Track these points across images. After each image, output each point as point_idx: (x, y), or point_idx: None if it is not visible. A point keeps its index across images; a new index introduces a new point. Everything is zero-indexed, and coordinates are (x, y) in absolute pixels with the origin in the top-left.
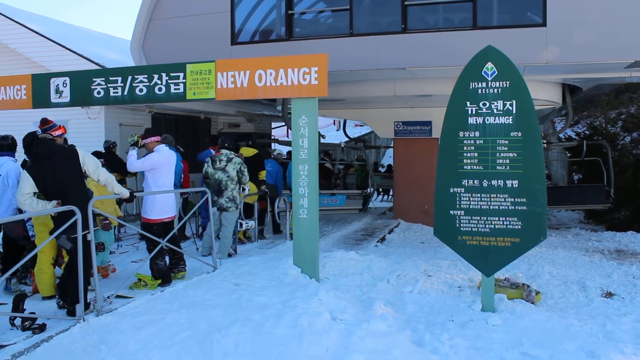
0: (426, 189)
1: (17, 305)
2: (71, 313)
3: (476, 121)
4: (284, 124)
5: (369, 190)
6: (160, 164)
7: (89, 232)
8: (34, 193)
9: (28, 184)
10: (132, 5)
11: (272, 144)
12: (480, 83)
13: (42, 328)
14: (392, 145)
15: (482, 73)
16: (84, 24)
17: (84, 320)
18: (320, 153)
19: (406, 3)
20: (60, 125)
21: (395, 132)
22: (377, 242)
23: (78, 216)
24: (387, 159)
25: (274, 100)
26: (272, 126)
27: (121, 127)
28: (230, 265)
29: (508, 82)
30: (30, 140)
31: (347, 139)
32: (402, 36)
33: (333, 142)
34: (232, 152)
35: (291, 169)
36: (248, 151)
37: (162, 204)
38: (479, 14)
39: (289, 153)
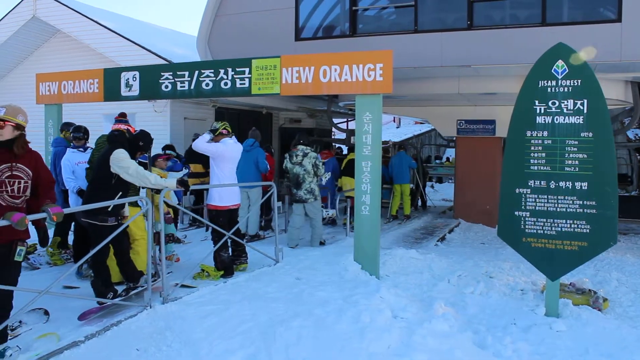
0: (488, 188)
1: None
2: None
3: (544, 120)
4: (344, 120)
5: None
6: (222, 154)
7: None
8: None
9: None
10: None
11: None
12: (549, 81)
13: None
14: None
15: (552, 71)
16: (139, 17)
17: (150, 307)
18: None
19: None
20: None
21: (458, 131)
22: (437, 241)
23: (149, 206)
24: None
25: (336, 96)
26: (334, 122)
27: (185, 120)
28: (291, 259)
29: (579, 81)
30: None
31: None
32: (468, 33)
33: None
34: (308, 147)
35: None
36: None
37: (228, 192)
38: (549, 10)
39: (350, 149)
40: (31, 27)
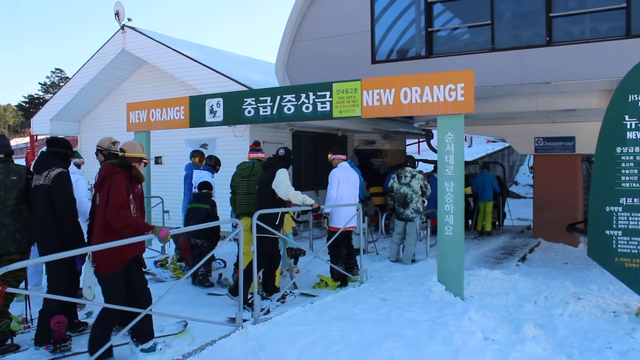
0: (569, 207)
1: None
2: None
3: (636, 136)
4: (416, 140)
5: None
6: (336, 179)
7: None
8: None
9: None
10: (252, 24)
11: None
12: None
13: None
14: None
15: None
16: (210, 44)
17: (242, 328)
18: None
19: (551, 15)
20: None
21: (536, 148)
22: (518, 261)
23: (240, 228)
24: (521, 175)
25: (410, 117)
26: (407, 143)
27: (264, 144)
28: (375, 280)
29: None
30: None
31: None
32: (547, 49)
33: (468, 160)
34: (415, 169)
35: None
36: None
37: (346, 215)
38: (634, 21)
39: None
40: (120, 59)
